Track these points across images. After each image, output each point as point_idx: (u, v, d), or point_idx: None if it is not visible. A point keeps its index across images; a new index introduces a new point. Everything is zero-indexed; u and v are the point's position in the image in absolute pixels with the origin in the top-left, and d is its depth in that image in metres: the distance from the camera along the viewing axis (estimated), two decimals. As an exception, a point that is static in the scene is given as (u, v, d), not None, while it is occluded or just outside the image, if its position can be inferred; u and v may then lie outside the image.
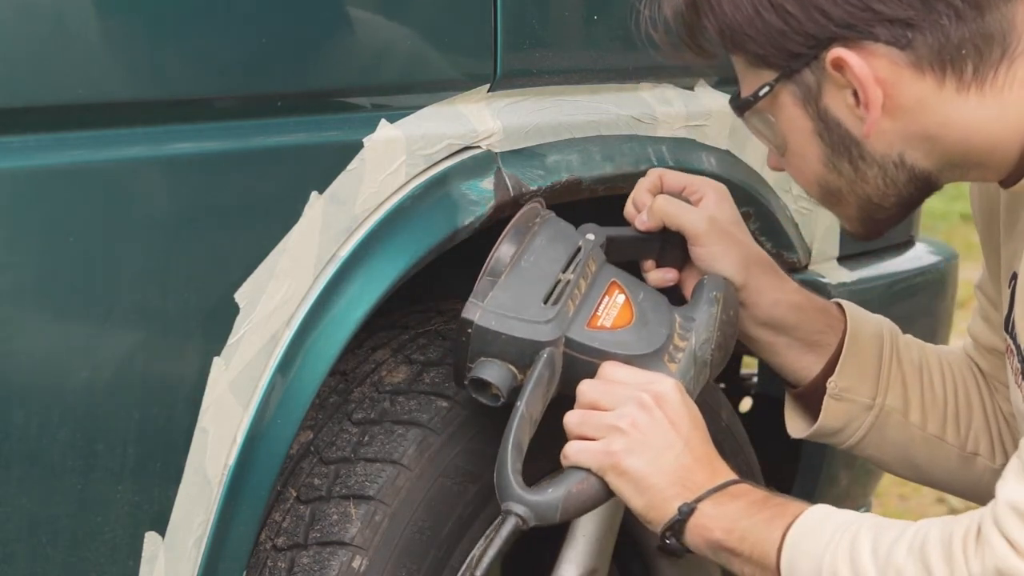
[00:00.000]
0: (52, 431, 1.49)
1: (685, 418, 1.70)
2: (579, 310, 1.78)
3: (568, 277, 1.78)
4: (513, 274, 1.76)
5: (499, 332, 1.73)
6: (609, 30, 1.96)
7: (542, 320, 1.74)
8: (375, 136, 1.70)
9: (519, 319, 1.74)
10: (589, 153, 1.93)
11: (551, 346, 1.74)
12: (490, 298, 1.74)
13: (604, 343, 1.77)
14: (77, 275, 1.49)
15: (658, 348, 1.78)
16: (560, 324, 1.75)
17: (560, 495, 1.69)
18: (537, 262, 1.78)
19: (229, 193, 1.58)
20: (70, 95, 1.48)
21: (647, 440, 1.68)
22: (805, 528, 1.61)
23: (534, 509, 1.67)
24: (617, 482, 1.69)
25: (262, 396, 1.64)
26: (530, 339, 1.73)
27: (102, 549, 1.54)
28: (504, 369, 1.73)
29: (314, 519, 1.76)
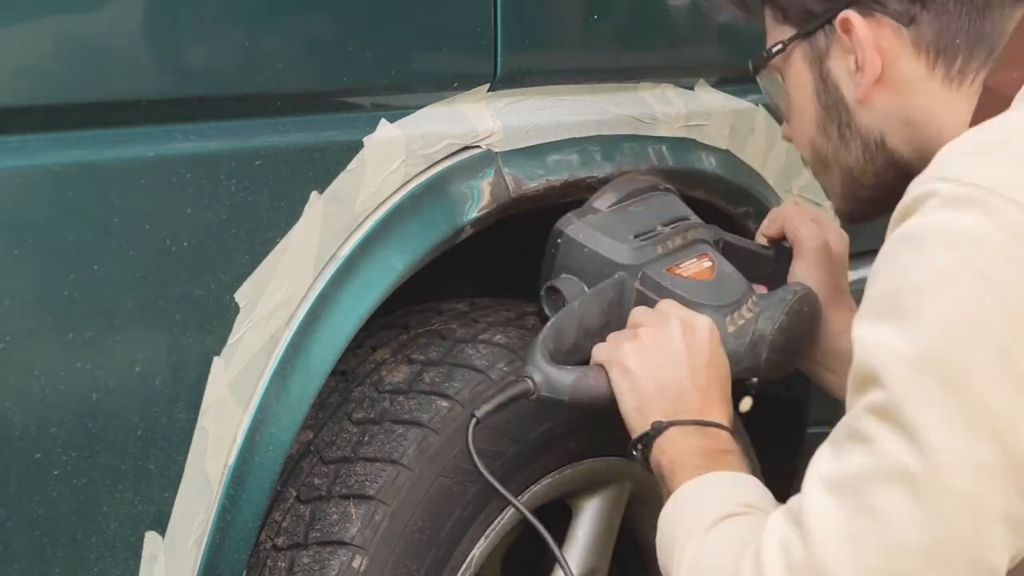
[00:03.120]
0: (52, 431, 1.49)
1: (703, 353, 1.75)
2: (664, 255, 1.85)
3: (665, 230, 1.87)
4: (615, 211, 1.87)
5: (584, 245, 1.82)
6: (609, 30, 1.96)
7: (626, 246, 1.83)
8: (375, 136, 1.70)
9: (605, 237, 1.83)
10: (589, 153, 1.94)
11: (626, 272, 1.82)
12: (587, 219, 1.83)
13: (675, 285, 1.83)
14: (76, 275, 1.49)
15: (723, 305, 1.83)
16: (641, 255, 1.83)
17: (573, 378, 1.74)
18: (642, 212, 1.88)
19: (229, 193, 1.58)
20: (69, 95, 1.48)
21: (657, 351, 1.73)
22: (693, 490, 1.64)
23: (548, 380, 1.73)
24: (617, 377, 1.74)
25: (262, 396, 1.64)
26: (609, 258, 1.82)
27: (102, 549, 1.54)
28: (579, 286, 1.82)
29: (314, 519, 1.76)
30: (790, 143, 1.81)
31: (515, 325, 1.92)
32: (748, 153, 2.16)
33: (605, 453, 1.96)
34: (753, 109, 2.17)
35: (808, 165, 1.78)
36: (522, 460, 1.86)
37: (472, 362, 1.85)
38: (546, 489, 1.91)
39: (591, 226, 1.84)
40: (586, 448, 1.93)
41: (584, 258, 1.83)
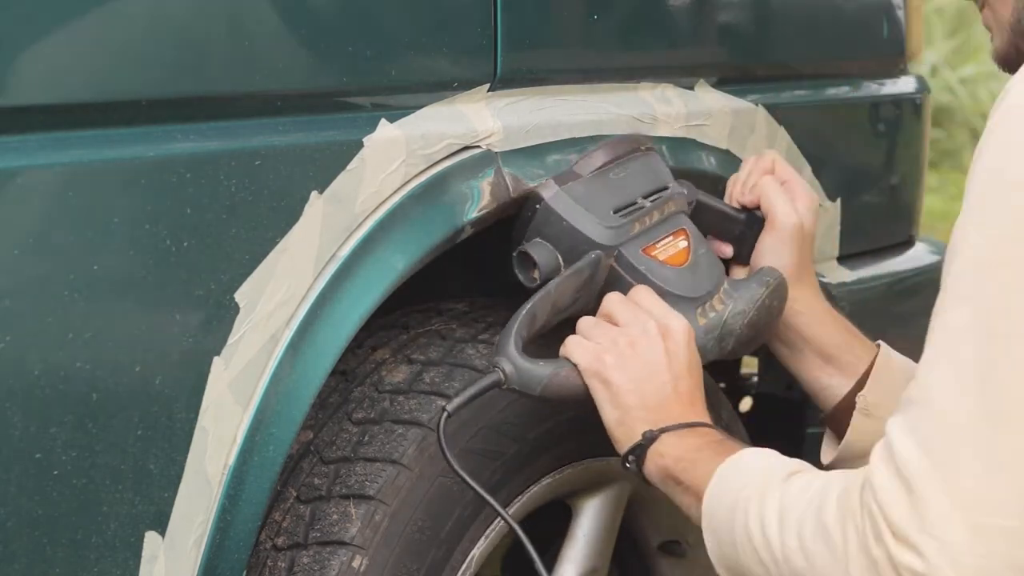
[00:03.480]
0: (52, 431, 1.49)
1: (682, 358, 1.75)
2: (641, 234, 1.85)
3: (645, 203, 1.86)
4: (596, 178, 1.85)
5: (562, 217, 1.81)
6: (609, 30, 1.96)
7: (605, 224, 1.82)
8: (375, 136, 1.70)
9: (585, 212, 1.81)
10: (589, 153, 1.93)
11: (602, 251, 1.81)
12: (567, 186, 1.82)
13: (649, 270, 1.83)
14: (76, 274, 1.49)
15: (695, 297, 1.84)
16: (619, 235, 1.83)
17: (548, 373, 1.74)
18: (623, 179, 1.86)
19: (229, 193, 1.58)
20: (69, 94, 1.48)
21: (638, 362, 1.73)
22: (739, 463, 1.63)
23: (520, 373, 1.73)
24: (598, 389, 1.74)
25: (262, 396, 1.64)
26: (586, 235, 1.81)
27: (102, 549, 1.54)
28: (553, 255, 1.81)
29: (314, 519, 1.76)
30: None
31: (515, 325, 1.91)
32: (748, 153, 2.16)
33: (605, 453, 1.96)
34: (753, 109, 2.17)
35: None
36: (522, 460, 1.86)
37: (472, 362, 1.85)
38: (546, 489, 1.91)
39: (572, 196, 1.82)
40: (586, 448, 1.93)
41: (561, 230, 1.81)
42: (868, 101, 2.45)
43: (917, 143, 2.53)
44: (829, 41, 2.36)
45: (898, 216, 2.52)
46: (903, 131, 2.51)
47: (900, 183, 2.50)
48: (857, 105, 2.44)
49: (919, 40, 2.55)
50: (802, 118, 2.27)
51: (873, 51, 2.45)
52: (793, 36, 2.27)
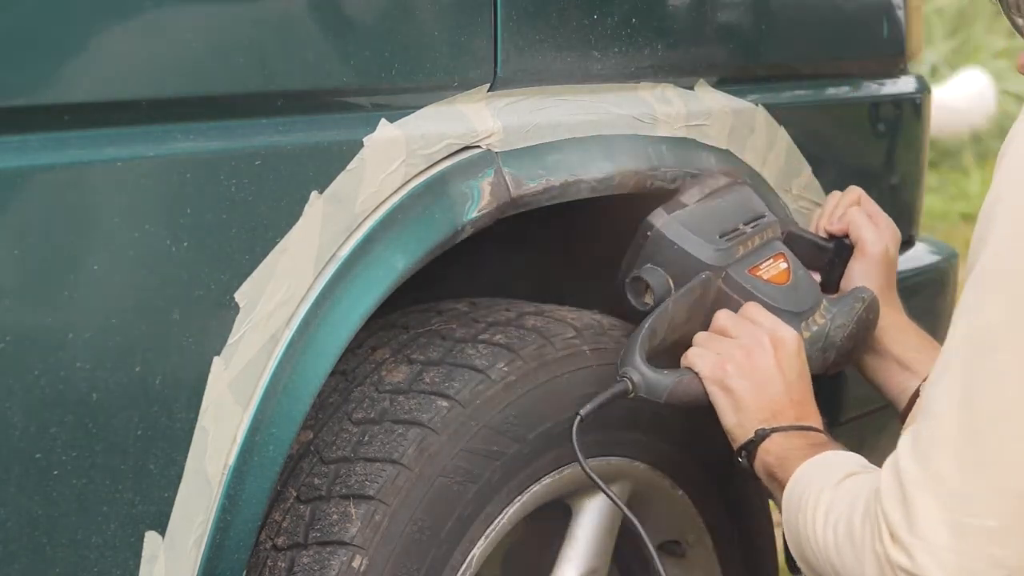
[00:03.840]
0: (52, 431, 1.49)
1: (795, 367, 1.87)
2: (745, 256, 1.97)
3: (746, 229, 2.00)
4: (701, 206, 1.97)
5: (673, 242, 1.94)
6: (609, 30, 1.96)
7: (713, 247, 1.95)
8: (375, 136, 1.70)
9: (694, 237, 1.94)
10: (589, 153, 1.94)
11: (712, 272, 1.94)
12: (676, 214, 1.95)
13: (756, 288, 1.96)
14: (77, 274, 1.49)
15: (799, 312, 1.97)
16: (726, 257, 1.96)
17: (672, 381, 1.87)
18: (725, 207, 2.00)
19: (229, 192, 1.58)
20: (69, 94, 1.48)
21: (755, 371, 1.85)
22: (817, 462, 1.74)
23: (646, 381, 1.85)
24: (719, 396, 1.86)
25: (262, 396, 1.64)
26: (697, 257, 1.94)
27: (102, 549, 1.54)
28: (664, 278, 1.93)
29: (314, 519, 1.76)
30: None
31: (515, 325, 1.92)
32: (748, 153, 2.16)
33: (605, 453, 1.96)
34: (753, 109, 2.17)
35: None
36: (522, 460, 1.86)
37: (472, 362, 1.85)
38: (546, 489, 1.91)
39: (680, 223, 1.95)
40: (586, 448, 1.92)
41: (673, 254, 1.93)
42: (868, 101, 2.45)
43: (917, 143, 2.53)
44: (829, 41, 2.35)
45: (898, 216, 2.51)
46: (903, 131, 2.51)
47: (900, 183, 2.50)
48: (857, 105, 2.44)
49: (919, 40, 2.55)
50: (802, 118, 2.27)
51: (873, 51, 2.45)
52: (793, 36, 2.27)
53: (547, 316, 1.95)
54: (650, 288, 1.93)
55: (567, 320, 1.94)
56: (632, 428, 1.97)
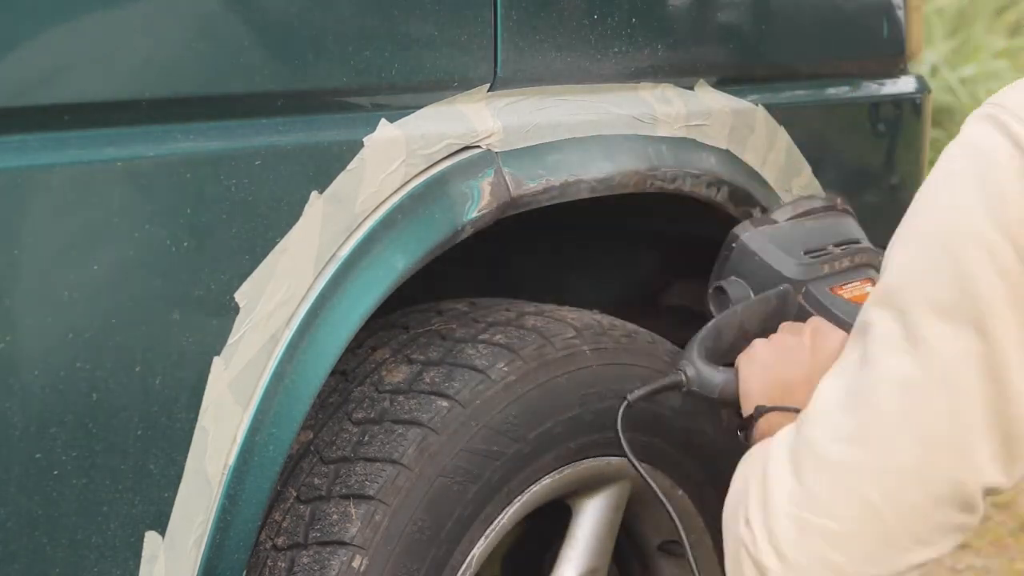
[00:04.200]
0: (52, 431, 1.49)
1: (827, 355, 1.79)
2: (830, 275, 1.99)
3: (835, 250, 2.01)
4: (791, 224, 2.01)
5: (755, 253, 1.98)
6: (609, 30, 1.96)
7: (795, 261, 1.98)
8: (375, 136, 1.70)
9: (777, 251, 1.98)
10: (589, 153, 1.94)
11: (791, 284, 1.97)
12: (763, 228, 1.98)
13: (834, 305, 1.97)
14: (76, 274, 1.49)
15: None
16: (808, 273, 1.98)
17: (723, 379, 1.86)
18: (817, 229, 2.05)
19: (229, 192, 1.58)
20: (69, 94, 1.48)
21: (784, 348, 1.83)
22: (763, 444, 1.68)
23: (700, 377, 1.86)
24: (743, 367, 1.84)
25: (262, 396, 1.64)
26: (777, 269, 1.97)
27: (102, 549, 1.54)
28: (745, 289, 1.96)
29: (314, 519, 1.76)
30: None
31: (515, 325, 1.92)
32: (748, 153, 2.16)
33: (605, 453, 1.96)
34: (753, 109, 2.17)
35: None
36: (522, 460, 1.86)
37: (472, 362, 1.85)
38: (546, 489, 1.91)
39: (765, 236, 1.98)
40: (586, 448, 1.93)
41: (754, 266, 1.97)
42: (868, 101, 2.45)
43: (917, 143, 2.53)
44: (829, 41, 2.35)
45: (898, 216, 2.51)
46: (903, 131, 2.51)
47: (900, 183, 2.50)
48: (857, 105, 2.44)
49: (919, 40, 2.55)
50: (802, 118, 2.27)
51: (873, 51, 2.45)
52: (793, 36, 2.27)
53: (547, 316, 1.95)
54: (730, 298, 1.97)
55: (567, 320, 1.95)
56: (632, 428, 1.97)
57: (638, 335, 1.99)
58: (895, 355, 1.47)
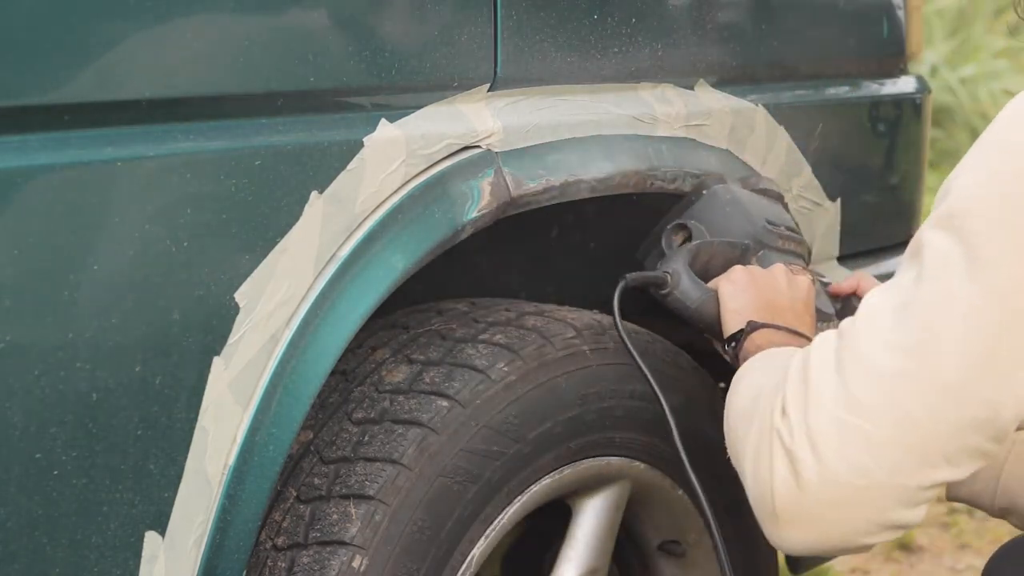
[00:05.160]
0: (52, 431, 1.49)
1: (802, 293, 1.91)
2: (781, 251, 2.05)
3: (786, 232, 2.07)
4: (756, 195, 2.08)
5: (726, 204, 2.01)
6: (609, 30, 1.96)
7: (760, 224, 2.02)
8: (375, 136, 1.70)
9: (745, 210, 2.02)
10: (589, 153, 1.94)
11: (752, 242, 2.01)
12: (732, 186, 2.02)
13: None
14: (77, 274, 1.49)
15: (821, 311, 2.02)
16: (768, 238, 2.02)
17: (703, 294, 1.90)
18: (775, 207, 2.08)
19: (229, 192, 1.58)
20: (69, 94, 1.48)
21: (763, 276, 1.90)
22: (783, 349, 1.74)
23: (684, 284, 1.90)
24: (724, 287, 1.89)
25: (262, 396, 1.64)
26: (743, 226, 2.01)
27: (102, 549, 1.54)
28: (706, 235, 1.99)
29: (314, 519, 1.76)
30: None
31: (515, 325, 1.92)
32: (748, 153, 2.16)
33: (605, 453, 1.96)
34: (753, 109, 2.17)
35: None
36: (522, 460, 1.86)
37: (472, 362, 1.85)
38: (546, 489, 1.91)
39: (736, 195, 2.02)
40: (586, 448, 1.93)
41: (721, 215, 2.00)
42: (868, 101, 2.45)
43: (917, 143, 2.53)
44: (829, 41, 2.36)
45: (898, 216, 2.52)
46: (903, 131, 2.51)
47: (900, 183, 2.51)
48: (857, 105, 2.44)
49: (919, 40, 2.55)
50: (802, 118, 2.27)
51: (873, 51, 2.45)
52: (793, 36, 2.27)
53: (547, 316, 1.95)
54: (690, 239, 1.99)
55: (567, 320, 1.95)
56: (632, 428, 1.97)
57: (638, 335, 1.99)
58: (954, 275, 1.49)
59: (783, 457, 1.52)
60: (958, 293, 1.48)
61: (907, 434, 1.49)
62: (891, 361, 1.49)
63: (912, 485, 1.50)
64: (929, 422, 1.49)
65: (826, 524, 1.51)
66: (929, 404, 1.49)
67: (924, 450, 1.49)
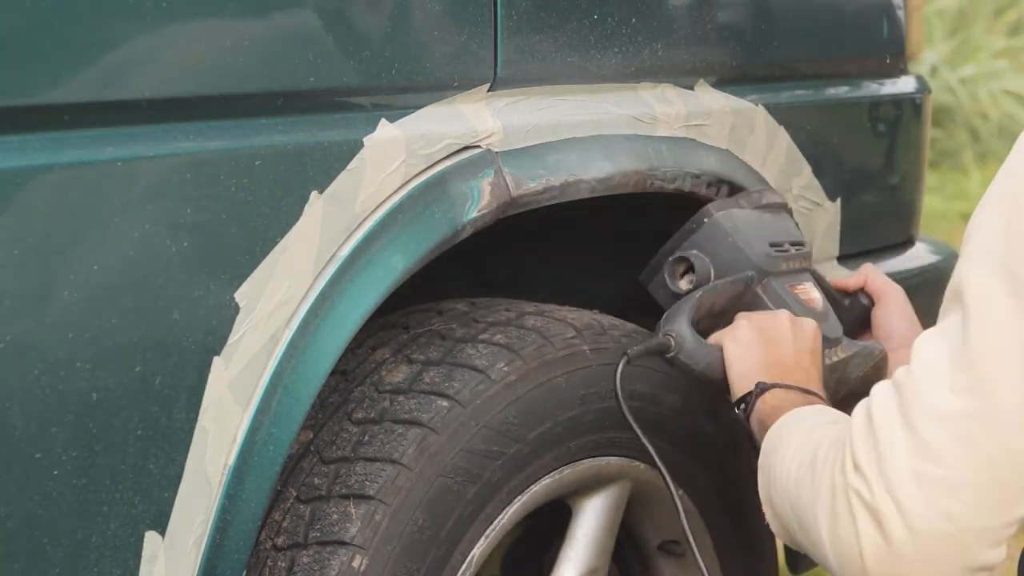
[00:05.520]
0: (52, 431, 1.49)
1: (807, 343, 1.88)
2: (787, 273, 1.99)
3: (791, 250, 2.03)
4: (757, 213, 2.01)
5: (728, 234, 1.96)
6: (609, 30, 1.96)
7: (762, 250, 1.97)
8: (375, 136, 1.70)
9: (747, 236, 1.97)
10: (589, 153, 1.94)
11: (756, 272, 1.97)
12: (735, 210, 1.97)
13: (791, 304, 1.97)
14: (77, 274, 1.49)
15: (828, 338, 1.97)
16: (772, 265, 1.98)
17: (709, 354, 1.86)
18: (777, 224, 2.05)
19: (229, 193, 1.58)
20: (70, 94, 1.48)
21: (768, 329, 1.87)
22: (807, 410, 1.74)
23: (688, 347, 1.85)
24: (729, 346, 1.87)
25: (262, 396, 1.64)
26: (747, 255, 1.96)
27: (102, 549, 1.54)
28: (708, 267, 1.95)
29: (314, 518, 1.76)
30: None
31: (515, 325, 1.92)
32: (748, 153, 2.16)
33: (605, 453, 1.96)
34: (753, 109, 2.17)
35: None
36: (522, 460, 1.86)
37: (472, 362, 1.85)
38: (546, 489, 1.91)
39: (737, 220, 1.97)
40: (586, 448, 1.93)
41: (724, 245, 1.95)
42: (868, 101, 2.45)
43: (917, 143, 2.53)
44: (829, 41, 2.35)
45: (898, 216, 2.52)
46: (903, 131, 2.51)
47: (900, 183, 2.50)
48: (857, 105, 2.44)
49: (919, 40, 2.55)
50: (802, 118, 2.27)
51: (873, 51, 2.45)
52: (793, 36, 2.27)
53: (547, 316, 1.95)
54: (692, 271, 1.96)
55: (567, 320, 1.94)
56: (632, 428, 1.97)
57: (638, 335, 1.99)
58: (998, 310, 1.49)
59: (866, 515, 1.51)
60: (1006, 327, 1.48)
61: (986, 474, 1.49)
62: (956, 404, 1.49)
63: (996, 525, 1.51)
64: (1004, 457, 1.49)
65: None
66: (1001, 439, 1.49)
67: (1003, 486, 1.50)
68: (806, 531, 1.59)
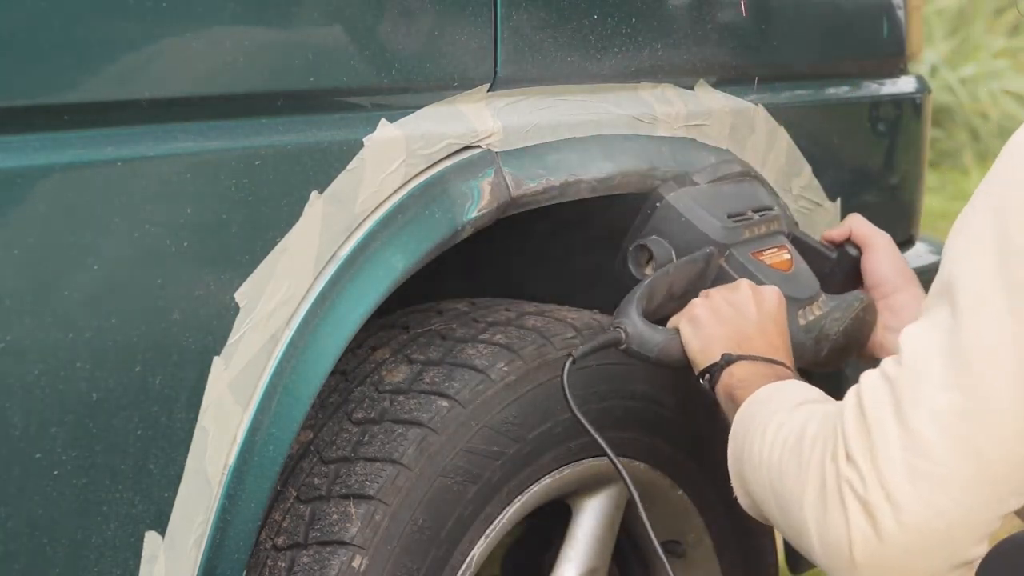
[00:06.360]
0: (52, 431, 1.49)
1: (771, 312, 1.86)
2: (750, 240, 1.99)
3: (754, 216, 2.03)
4: (711, 187, 1.99)
5: (681, 214, 1.96)
6: (609, 30, 1.96)
7: (719, 224, 1.96)
8: (375, 136, 1.70)
9: (702, 212, 1.96)
10: (589, 153, 1.94)
11: (716, 248, 1.96)
12: (687, 188, 1.96)
13: (758, 270, 1.97)
14: (77, 274, 1.49)
15: (798, 299, 1.97)
16: (731, 236, 1.97)
17: (665, 338, 1.85)
18: (736, 193, 2.03)
19: (229, 192, 1.58)
20: (69, 94, 1.48)
21: (726, 304, 1.85)
22: (778, 387, 1.72)
23: (639, 336, 1.84)
24: (686, 327, 1.85)
25: (262, 396, 1.64)
26: (703, 232, 1.96)
27: (102, 549, 1.54)
28: (668, 250, 1.95)
29: (314, 518, 1.76)
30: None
31: (515, 325, 1.92)
32: (748, 153, 2.16)
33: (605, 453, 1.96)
34: (753, 109, 2.17)
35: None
36: (522, 460, 1.86)
37: (472, 362, 1.85)
38: (546, 489, 1.91)
39: (690, 197, 1.97)
40: (586, 448, 1.93)
41: (679, 226, 1.95)
42: (868, 101, 2.45)
43: (917, 143, 2.53)
44: (829, 41, 2.36)
45: (898, 216, 2.52)
46: (903, 131, 2.51)
47: (900, 183, 2.51)
48: (857, 105, 2.44)
49: (919, 40, 2.55)
50: (802, 118, 2.27)
51: (873, 51, 2.45)
52: (793, 36, 2.27)
53: (547, 316, 1.95)
54: (653, 258, 1.96)
55: (567, 320, 1.95)
56: (632, 428, 1.97)
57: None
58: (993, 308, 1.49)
59: (857, 506, 1.51)
60: (997, 325, 1.48)
61: (978, 470, 1.49)
62: (948, 401, 1.49)
63: (984, 520, 1.51)
64: (996, 454, 1.49)
65: (907, 570, 1.51)
66: (992, 437, 1.49)
67: (995, 483, 1.50)
68: (786, 514, 1.59)
